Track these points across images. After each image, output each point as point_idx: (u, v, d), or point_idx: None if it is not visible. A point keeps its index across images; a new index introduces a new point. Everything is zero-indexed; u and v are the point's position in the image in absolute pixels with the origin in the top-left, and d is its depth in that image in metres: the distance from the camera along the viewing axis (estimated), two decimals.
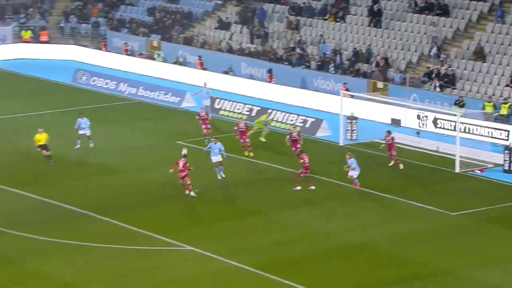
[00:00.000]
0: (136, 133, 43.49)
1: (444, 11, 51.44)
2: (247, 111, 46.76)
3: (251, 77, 53.97)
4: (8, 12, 63.95)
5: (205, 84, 47.61)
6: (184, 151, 34.24)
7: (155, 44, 59.76)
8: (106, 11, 64.46)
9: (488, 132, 42.01)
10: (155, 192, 34.66)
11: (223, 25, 58.76)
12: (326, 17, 55.50)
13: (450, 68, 47.72)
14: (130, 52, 59.79)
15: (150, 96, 50.67)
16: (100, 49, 61.31)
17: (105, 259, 28.34)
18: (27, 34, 62.64)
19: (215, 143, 35.99)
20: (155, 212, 32.81)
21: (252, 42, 56.50)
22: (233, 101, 47.94)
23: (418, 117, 44.73)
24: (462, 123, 40.76)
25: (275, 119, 45.44)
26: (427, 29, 51.06)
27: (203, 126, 41.18)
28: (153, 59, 58.38)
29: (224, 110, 47.56)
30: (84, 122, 39.98)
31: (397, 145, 38.80)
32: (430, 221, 32.39)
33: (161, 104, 49.68)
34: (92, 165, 38.14)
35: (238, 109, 47.19)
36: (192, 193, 33.89)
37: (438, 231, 31.37)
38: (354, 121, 43.00)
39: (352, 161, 34.84)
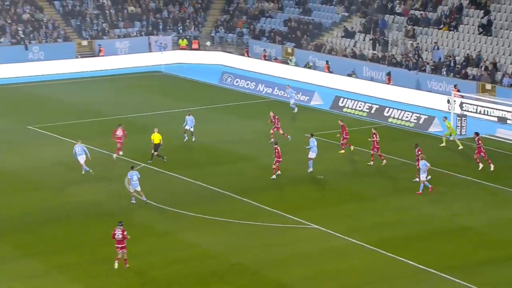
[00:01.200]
0: (269, 126, 43.78)
1: None
2: (367, 109, 46.42)
3: (372, 79, 53.45)
4: (169, 24, 65.76)
5: (288, 86, 48.01)
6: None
7: (289, 50, 60.08)
8: (249, 22, 65.27)
9: None
10: (284, 177, 34.83)
11: (349, 34, 58.44)
12: (440, 27, 54.31)
13: None
14: (267, 58, 60.32)
15: (283, 95, 50.92)
16: (243, 55, 62.14)
17: (243, 233, 28.77)
18: (183, 42, 64.23)
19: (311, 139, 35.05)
20: (285, 194, 33.01)
21: (373, 49, 55.93)
22: (355, 100, 47.62)
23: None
24: None
25: (392, 116, 44.94)
26: None
27: (275, 127, 40.03)
28: (287, 63, 58.70)
29: (347, 107, 47.35)
30: (190, 119, 39.73)
31: (503, 140, 37.71)
32: None
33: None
34: (232, 153, 38.61)
35: (359, 107, 46.86)
36: (274, 176, 34.06)
37: None
38: (463, 118, 42.03)
39: (424, 163, 32.63)
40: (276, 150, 34.21)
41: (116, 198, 32.15)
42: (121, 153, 36.80)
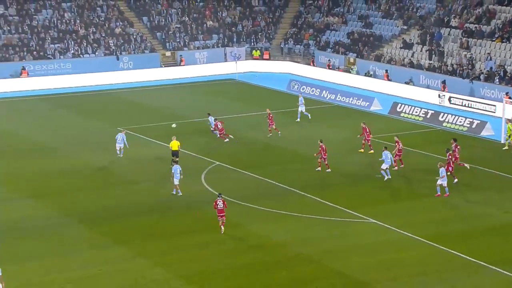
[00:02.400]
0: (333, 129, 43.53)
1: None
2: (423, 114, 45.53)
3: (428, 86, 52.44)
4: (243, 36, 66.08)
5: (300, 94, 47.03)
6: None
7: (351, 60, 59.51)
8: (315, 35, 64.97)
9: None
10: (344, 176, 34.40)
11: (407, 45, 57.53)
12: (493, 39, 52.87)
13: None
14: (331, 67, 59.91)
15: (345, 101, 50.54)
16: (309, 64, 61.85)
17: (307, 226, 28.61)
18: (257, 53, 64.44)
19: (384, 151, 33.38)
20: (345, 191, 32.56)
21: (430, 59, 54.89)
22: (412, 106, 46.78)
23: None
24: None
25: (446, 121, 43.98)
26: None
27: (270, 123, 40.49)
28: (349, 72, 58.19)
29: (404, 112, 46.56)
30: (210, 119, 40.21)
31: None
32: None
33: (354, 107, 49.42)
34: (297, 153, 38.26)
35: (416, 112, 46.00)
36: (328, 170, 34.01)
37: None
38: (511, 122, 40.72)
39: (442, 170, 31.05)
40: (321, 148, 33.97)
41: (193, 193, 32.41)
42: (226, 139, 39.22)
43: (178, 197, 31.91)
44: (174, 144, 35.41)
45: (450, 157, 32.90)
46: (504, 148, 38.26)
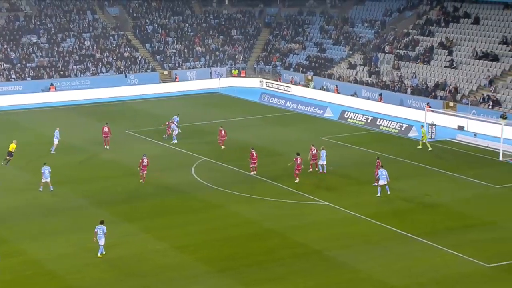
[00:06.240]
0: (295, 131, 43.49)
1: (494, 58, 48.33)
2: (365, 119, 45.70)
3: (368, 98, 52.66)
4: (225, 59, 65.65)
5: (173, 120, 41.23)
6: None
7: (309, 77, 59.51)
8: (281, 58, 64.86)
9: None
10: (303, 167, 34.32)
11: (352, 66, 57.76)
12: (417, 62, 53.38)
13: (498, 94, 44.74)
14: (294, 82, 59.89)
15: (304, 109, 50.52)
16: (276, 80, 61.75)
17: (274, 207, 28.50)
18: (235, 72, 64.14)
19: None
20: (306, 180, 32.18)
21: (369, 77, 55.20)
22: (356, 113, 46.97)
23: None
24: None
25: (382, 125, 44.24)
26: (484, 69, 48.15)
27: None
28: (307, 86, 58.23)
29: (350, 118, 46.70)
30: (175, 123, 39.34)
31: (461, 143, 36.90)
32: (482, 191, 30.63)
33: (311, 114, 49.43)
34: (268, 150, 37.84)
35: (359, 118, 46.18)
36: (253, 173, 31.90)
37: (487, 197, 29.66)
38: (433, 126, 41.19)
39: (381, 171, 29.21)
40: (252, 154, 32.46)
41: (185, 182, 32.14)
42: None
43: (170, 186, 31.56)
44: (12, 146, 33.83)
45: (378, 164, 32.08)
46: (418, 147, 38.33)
